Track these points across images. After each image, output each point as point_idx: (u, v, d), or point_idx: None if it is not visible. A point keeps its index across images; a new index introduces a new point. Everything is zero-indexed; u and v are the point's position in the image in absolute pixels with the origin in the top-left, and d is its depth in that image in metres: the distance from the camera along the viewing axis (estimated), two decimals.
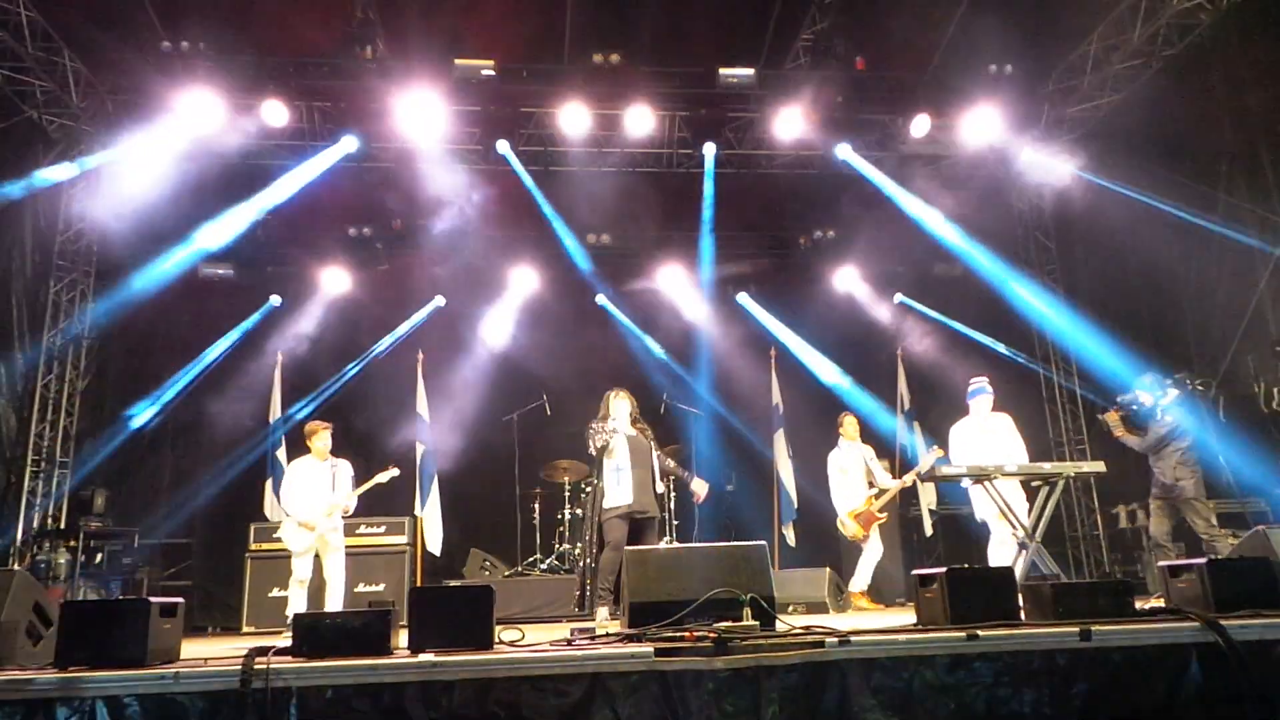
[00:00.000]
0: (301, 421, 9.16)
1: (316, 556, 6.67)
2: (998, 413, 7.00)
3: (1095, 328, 10.14)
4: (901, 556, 8.79)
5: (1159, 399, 6.66)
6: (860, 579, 7.62)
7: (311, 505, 6.60)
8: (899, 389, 9.95)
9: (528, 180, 9.59)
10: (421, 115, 8.80)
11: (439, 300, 10.14)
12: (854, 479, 7.79)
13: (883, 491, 7.75)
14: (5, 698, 3.01)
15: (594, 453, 6.20)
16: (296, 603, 6.52)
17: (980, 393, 6.98)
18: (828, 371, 10.13)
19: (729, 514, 9.58)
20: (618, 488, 6.03)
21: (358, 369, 9.85)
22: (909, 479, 7.77)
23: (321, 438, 6.82)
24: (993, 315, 10.25)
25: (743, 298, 10.50)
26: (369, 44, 8.48)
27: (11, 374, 8.62)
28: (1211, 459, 6.83)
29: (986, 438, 6.77)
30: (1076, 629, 3.39)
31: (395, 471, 7.00)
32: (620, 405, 6.26)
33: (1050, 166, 9.73)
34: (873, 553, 7.66)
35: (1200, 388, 6.78)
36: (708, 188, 9.83)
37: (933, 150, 9.89)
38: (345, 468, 6.82)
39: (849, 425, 7.99)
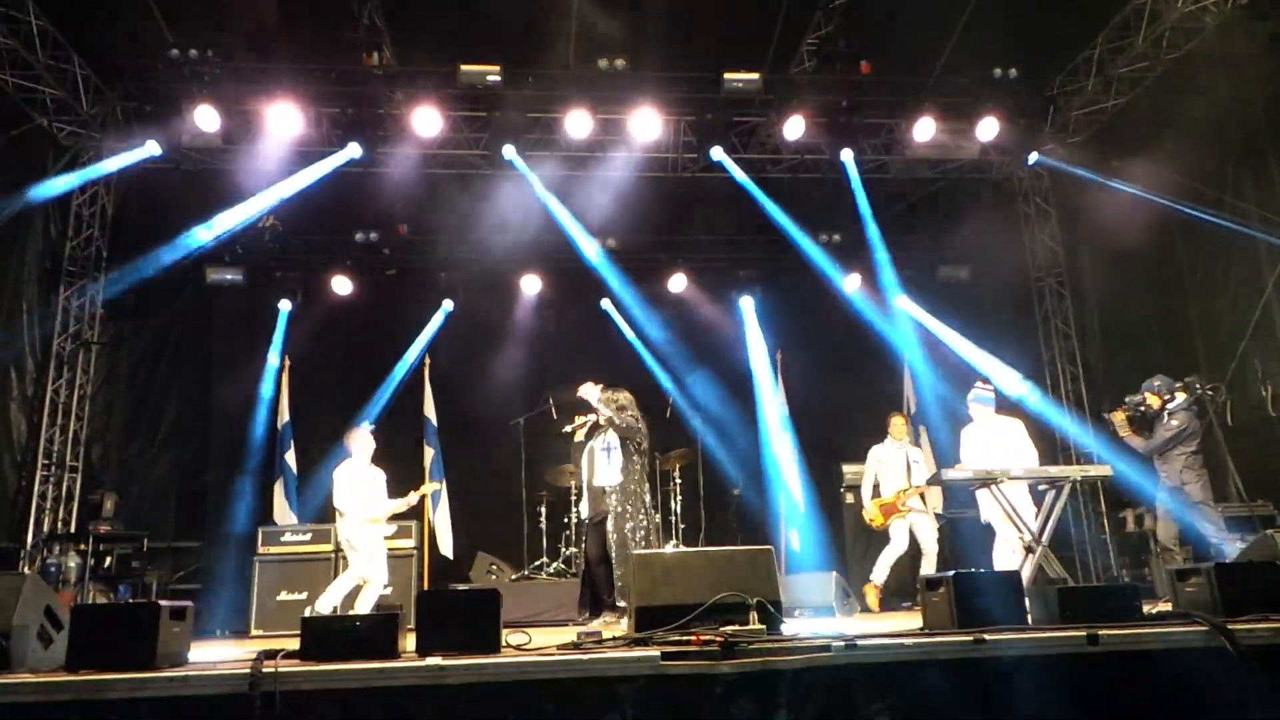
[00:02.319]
0: (307, 425, 9.25)
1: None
2: (1010, 418, 6.98)
3: (1101, 330, 10.14)
4: (908, 560, 8.77)
5: (1166, 401, 6.63)
6: (878, 571, 7.76)
7: (381, 504, 6.76)
8: (905, 393, 9.94)
9: (534, 185, 9.62)
10: (427, 121, 8.84)
11: (448, 305, 10.16)
12: (891, 473, 8.02)
13: (913, 489, 7.90)
14: (17, 700, 3.04)
15: None
16: (368, 600, 6.59)
17: (981, 400, 6.98)
18: (834, 375, 10.12)
19: (735, 518, 9.58)
20: (583, 500, 6.44)
21: (366, 374, 9.88)
22: (926, 484, 7.88)
23: (369, 442, 6.93)
24: (998, 317, 10.24)
25: (747, 301, 10.49)
26: (375, 50, 8.52)
27: (22, 378, 8.68)
28: (1218, 462, 6.80)
29: (997, 443, 6.75)
30: (1084, 633, 3.38)
31: (438, 486, 7.06)
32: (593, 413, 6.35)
33: (1055, 169, 9.72)
34: (896, 547, 7.83)
35: (1210, 392, 6.74)
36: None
37: (937, 154, 9.89)
38: (379, 473, 6.92)
39: (895, 425, 8.20)
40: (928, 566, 7.84)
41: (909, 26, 8.70)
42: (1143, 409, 6.70)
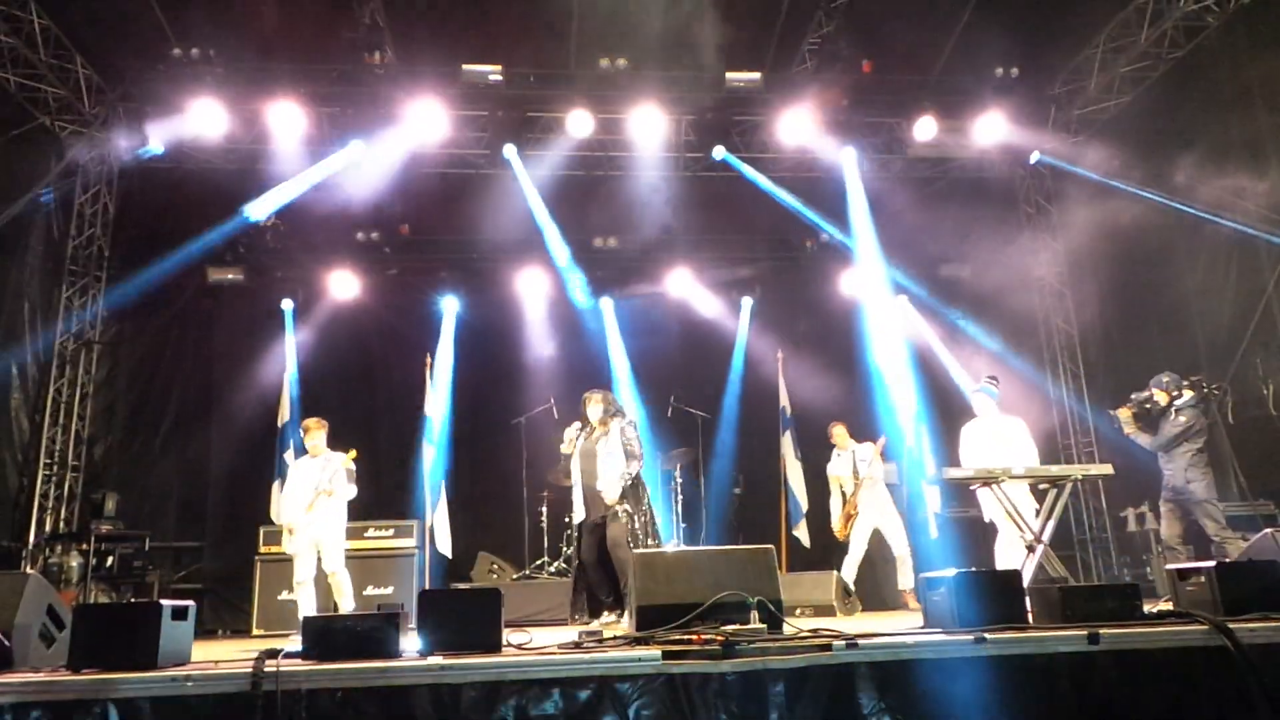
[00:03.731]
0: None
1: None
2: (1011, 416, 6.97)
3: (1102, 328, 10.13)
4: (886, 569, 8.78)
5: (1174, 398, 6.62)
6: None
7: (292, 505, 6.62)
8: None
9: (534, 185, 9.61)
10: (429, 120, 8.83)
11: (451, 304, 10.15)
12: (848, 482, 8.15)
13: (857, 484, 8.01)
14: (20, 700, 3.04)
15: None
16: (305, 604, 6.54)
17: (986, 392, 6.97)
18: (834, 374, 10.10)
19: (737, 517, 9.57)
20: (575, 503, 6.27)
21: (367, 374, 9.87)
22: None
23: (313, 435, 6.82)
24: (999, 316, 10.24)
25: (747, 301, 10.48)
26: (377, 50, 8.52)
27: (24, 378, 8.69)
28: (1221, 460, 6.80)
29: (998, 441, 6.74)
30: (1085, 632, 3.38)
31: (353, 452, 6.97)
32: (592, 410, 6.34)
33: (1056, 168, 9.72)
34: (854, 555, 7.91)
35: (1217, 391, 6.73)
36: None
37: (939, 153, 9.88)
38: (336, 460, 6.78)
39: (836, 434, 8.33)
40: (904, 571, 7.80)
41: (910, 25, 8.71)
42: (1149, 405, 6.69)
